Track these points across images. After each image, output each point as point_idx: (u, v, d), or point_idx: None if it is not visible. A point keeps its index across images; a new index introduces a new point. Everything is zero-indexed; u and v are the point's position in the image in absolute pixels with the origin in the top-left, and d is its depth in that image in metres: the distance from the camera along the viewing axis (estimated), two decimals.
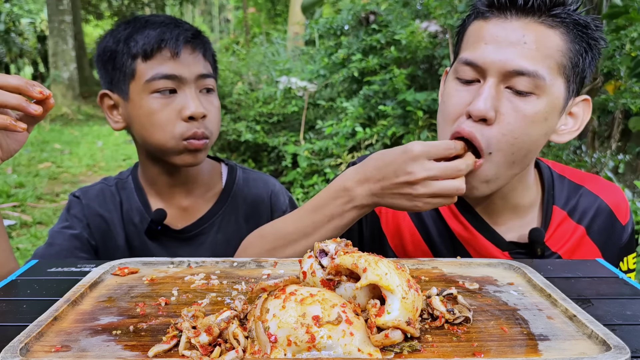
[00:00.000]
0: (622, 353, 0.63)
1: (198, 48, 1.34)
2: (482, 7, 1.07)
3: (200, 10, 18.20)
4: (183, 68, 1.30)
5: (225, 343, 0.66)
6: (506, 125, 1.02)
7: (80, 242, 1.37)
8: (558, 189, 1.22)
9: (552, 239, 1.18)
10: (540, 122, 1.03)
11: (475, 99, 1.03)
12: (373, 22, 5.32)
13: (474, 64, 1.04)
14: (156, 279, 0.91)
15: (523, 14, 1.03)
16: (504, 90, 1.03)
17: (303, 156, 5.31)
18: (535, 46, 1.01)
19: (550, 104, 1.03)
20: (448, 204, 1.02)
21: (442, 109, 1.11)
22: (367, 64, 5.06)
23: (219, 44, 10.29)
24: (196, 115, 1.29)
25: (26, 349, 0.65)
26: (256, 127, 6.12)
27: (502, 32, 1.03)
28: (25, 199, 5.70)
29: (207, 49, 1.38)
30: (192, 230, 1.42)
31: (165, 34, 1.30)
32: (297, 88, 5.78)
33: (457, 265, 0.99)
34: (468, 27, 1.10)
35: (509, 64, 1.01)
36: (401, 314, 0.66)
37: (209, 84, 1.36)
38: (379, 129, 4.85)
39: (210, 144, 1.36)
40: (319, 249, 0.77)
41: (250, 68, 6.83)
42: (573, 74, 1.05)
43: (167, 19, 1.37)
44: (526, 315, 0.77)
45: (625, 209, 1.22)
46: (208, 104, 1.34)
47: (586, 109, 1.13)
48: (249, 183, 1.50)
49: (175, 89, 1.31)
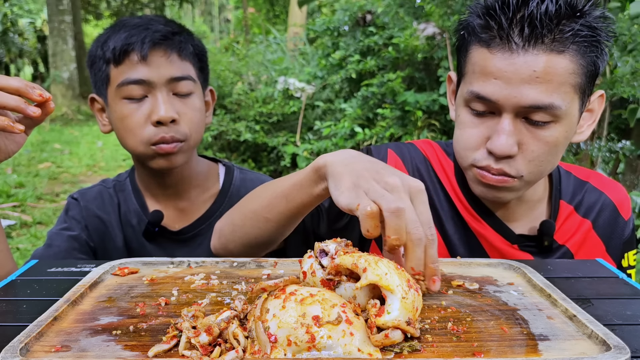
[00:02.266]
0: (622, 353, 0.63)
1: (170, 49, 1.30)
2: (482, 33, 1.02)
3: (200, 11, 18.20)
4: (152, 72, 1.27)
5: (225, 343, 0.66)
6: (530, 153, 1.03)
7: (78, 244, 1.38)
8: (565, 185, 1.24)
9: (559, 232, 1.20)
10: (562, 142, 1.04)
11: (494, 137, 1.02)
12: (370, 22, 5.31)
13: (486, 99, 1.02)
14: (156, 279, 0.91)
15: (529, 43, 0.98)
16: (521, 121, 1.02)
17: (302, 156, 5.31)
18: (547, 78, 0.98)
19: (568, 124, 1.03)
20: (367, 227, 0.79)
21: (458, 136, 1.10)
22: (365, 65, 5.06)
23: (219, 43, 10.29)
24: (163, 120, 1.27)
25: (26, 349, 0.65)
26: (256, 127, 6.12)
27: (511, 68, 0.99)
28: (25, 199, 5.69)
29: (184, 48, 1.33)
30: (189, 232, 1.41)
31: (132, 38, 1.27)
32: (295, 89, 5.79)
33: (457, 265, 0.99)
34: (470, 49, 1.06)
35: (524, 100, 0.99)
36: (401, 314, 0.66)
37: (184, 87, 1.31)
38: (377, 130, 4.86)
39: (189, 147, 1.34)
40: (319, 249, 0.77)
41: (250, 68, 6.84)
42: (588, 83, 1.03)
43: (141, 20, 1.33)
44: (526, 315, 0.77)
45: (627, 204, 1.25)
46: (182, 106, 1.31)
47: (600, 102, 1.13)
48: (246, 183, 1.49)
49: (145, 94, 1.28)
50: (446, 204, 1.22)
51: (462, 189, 1.21)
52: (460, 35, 1.11)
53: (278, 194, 1.04)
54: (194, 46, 1.36)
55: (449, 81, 1.22)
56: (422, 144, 1.30)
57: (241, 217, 1.12)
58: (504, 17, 0.98)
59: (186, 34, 1.37)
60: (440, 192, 1.23)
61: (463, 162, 1.12)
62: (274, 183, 1.10)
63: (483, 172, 1.07)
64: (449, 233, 1.21)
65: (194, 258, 0.99)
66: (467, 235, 1.21)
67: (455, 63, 1.20)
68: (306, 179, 0.97)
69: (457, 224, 1.21)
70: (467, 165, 1.11)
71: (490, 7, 1.01)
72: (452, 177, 1.23)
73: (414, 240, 0.78)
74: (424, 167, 1.25)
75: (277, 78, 6.21)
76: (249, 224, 1.10)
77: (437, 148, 1.28)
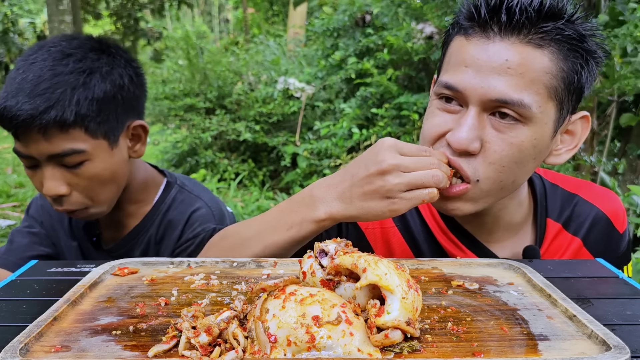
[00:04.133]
0: (622, 353, 0.63)
1: (44, 128, 1.14)
2: (464, 22, 0.98)
3: (199, 10, 18.20)
4: (30, 149, 1.18)
5: (225, 343, 0.66)
6: (492, 154, 0.95)
7: (38, 238, 1.43)
8: (551, 200, 1.16)
9: (547, 253, 1.14)
10: (528, 150, 0.96)
11: (456, 128, 0.96)
12: (369, 22, 5.32)
13: (454, 88, 0.96)
14: (156, 279, 0.91)
15: (507, 32, 0.93)
16: (487, 118, 0.96)
17: (302, 156, 5.32)
18: (520, 70, 0.92)
19: (538, 131, 0.95)
20: (428, 199, 0.91)
21: (423, 127, 1.05)
22: (364, 66, 5.07)
23: (219, 43, 10.28)
24: (47, 196, 1.22)
25: (26, 349, 0.65)
26: (256, 127, 6.12)
27: (483, 55, 0.93)
28: (25, 199, 5.69)
29: (64, 119, 1.15)
30: (118, 250, 1.40)
31: (3, 112, 1.15)
32: (295, 89, 5.79)
33: (457, 265, 0.98)
34: (451, 41, 1.02)
35: (490, 92, 0.92)
36: (401, 314, 0.66)
37: (69, 160, 1.19)
38: (376, 129, 4.86)
39: (96, 209, 1.28)
40: (319, 249, 0.77)
41: (249, 68, 6.84)
42: (567, 94, 0.96)
43: (22, 81, 1.16)
44: (526, 315, 0.77)
45: (622, 216, 1.17)
46: (73, 177, 1.21)
47: (585, 125, 1.04)
48: (175, 204, 1.43)
49: (34, 165, 1.22)
50: (423, 230, 1.16)
51: (441, 214, 1.14)
52: (446, 33, 1.07)
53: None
54: (91, 100, 1.19)
55: (434, 83, 1.15)
56: None
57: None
58: (485, 6, 0.94)
59: (80, 88, 1.18)
60: (416, 217, 1.17)
61: None
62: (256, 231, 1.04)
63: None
64: (426, 257, 1.15)
65: (193, 258, 0.99)
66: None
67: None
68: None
69: (435, 252, 1.15)
70: None
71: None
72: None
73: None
74: None
75: (277, 78, 6.21)
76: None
77: None
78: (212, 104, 6.45)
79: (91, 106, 1.19)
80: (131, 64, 1.31)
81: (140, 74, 1.34)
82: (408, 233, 1.16)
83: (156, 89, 6.74)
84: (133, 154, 1.33)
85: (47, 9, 6.60)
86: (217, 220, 1.41)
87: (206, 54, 6.87)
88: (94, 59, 1.23)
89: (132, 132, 1.32)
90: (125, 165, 1.31)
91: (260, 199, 5.63)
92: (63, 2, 6.41)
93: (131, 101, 1.30)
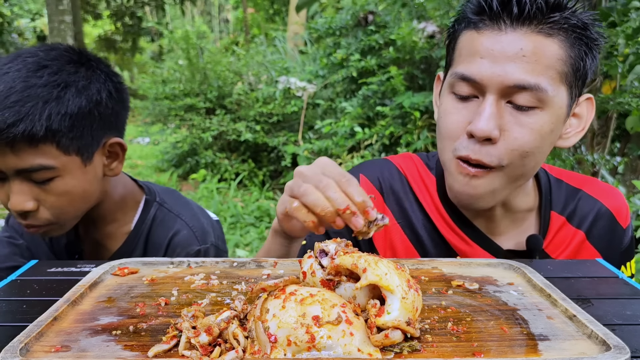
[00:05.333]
0: (622, 353, 0.63)
1: (12, 142, 1.10)
2: (472, 17, 1.02)
3: (199, 10, 18.19)
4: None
5: (225, 343, 0.66)
6: (513, 140, 0.98)
7: (18, 249, 1.39)
8: (555, 194, 1.19)
9: (551, 245, 1.16)
10: (547, 134, 1.00)
11: (476, 118, 0.99)
12: (371, 22, 5.33)
13: (471, 79, 0.99)
14: (156, 279, 0.91)
15: (518, 23, 0.97)
16: (505, 105, 0.99)
17: (303, 156, 5.31)
18: (534, 58, 0.96)
19: (554, 115, 1.00)
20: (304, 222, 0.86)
21: (440, 125, 1.07)
22: (366, 64, 5.07)
23: (219, 43, 10.28)
24: (13, 211, 1.18)
25: (26, 349, 0.65)
26: (256, 127, 6.12)
27: (497, 45, 0.97)
28: None
29: (34, 134, 1.10)
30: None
31: None
32: (296, 88, 5.79)
33: (457, 265, 0.99)
34: (459, 36, 1.05)
35: (508, 79, 0.96)
36: (401, 314, 0.66)
37: (38, 176, 1.15)
38: (377, 129, 4.86)
39: (58, 227, 1.23)
40: (319, 249, 0.77)
41: (250, 68, 6.84)
42: (575, 79, 1.01)
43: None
44: (526, 315, 0.77)
45: (625, 212, 1.19)
46: (40, 193, 1.17)
47: (589, 107, 1.09)
48: (155, 224, 1.38)
49: (1, 177, 1.16)
50: (426, 225, 1.18)
51: (444, 204, 1.17)
52: (450, 29, 1.10)
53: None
54: (64, 115, 1.14)
55: (437, 82, 1.18)
56: (400, 160, 1.26)
57: None
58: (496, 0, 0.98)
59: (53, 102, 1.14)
60: (418, 212, 1.19)
61: (444, 154, 1.06)
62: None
63: (462, 162, 1.03)
64: (431, 255, 1.17)
65: (193, 258, 0.99)
66: (449, 254, 1.16)
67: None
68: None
69: (439, 245, 1.17)
70: (448, 158, 1.06)
71: None
72: (433, 192, 1.19)
73: (324, 186, 0.82)
74: (400, 186, 1.21)
75: (278, 78, 6.21)
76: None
77: (417, 162, 1.24)
78: (212, 104, 6.46)
79: (63, 121, 1.14)
80: (112, 78, 1.25)
81: (121, 90, 1.28)
82: (410, 229, 1.18)
83: (156, 89, 6.74)
84: (109, 172, 1.28)
85: (47, 9, 6.60)
86: (200, 241, 1.37)
87: (206, 54, 6.88)
88: (70, 72, 1.18)
89: (108, 149, 1.26)
90: (98, 183, 1.26)
91: (260, 199, 5.63)
92: (63, 2, 6.41)
93: (109, 117, 1.24)
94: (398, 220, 1.18)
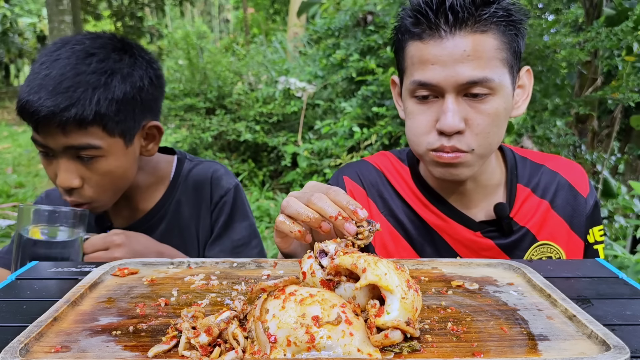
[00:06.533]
0: (622, 353, 0.63)
1: (63, 123, 1.18)
2: (414, 29, 1.13)
3: (199, 10, 18.20)
4: (47, 140, 1.22)
5: (225, 343, 0.66)
6: (477, 126, 1.12)
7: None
8: (521, 169, 1.32)
9: (519, 214, 1.28)
10: (502, 114, 1.14)
11: (442, 117, 1.11)
12: (371, 23, 5.32)
13: (428, 84, 1.11)
14: (156, 279, 0.91)
15: (455, 28, 1.09)
16: (462, 99, 1.11)
17: (303, 156, 5.31)
18: (477, 55, 1.09)
19: (505, 95, 1.13)
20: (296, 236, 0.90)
21: (409, 125, 1.18)
22: (365, 64, 5.06)
23: (219, 43, 10.29)
24: (60, 188, 1.25)
25: (26, 349, 0.65)
26: (256, 127, 6.11)
27: (444, 52, 1.09)
28: (25, 199, 5.70)
29: (84, 117, 1.18)
30: (138, 227, 1.40)
31: (25, 105, 1.19)
32: (296, 89, 5.79)
33: (457, 265, 0.99)
34: (406, 47, 1.16)
35: (461, 78, 1.09)
36: (401, 314, 0.66)
37: (84, 154, 1.23)
38: (377, 129, 4.86)
39: (99, 205, 1.31)
40: (319, 249, 0.77)
41: (250, 68, 6.84)
42: (514, 59, 1.15)
43: (47, 76, 1.20)
44: (526, 316, 0.77)
45: (584, 182, 1.32)
46: (86, 171, 1.25)
47: (529, 77, 1.24)
48: (193, 171, 1.49)
49: (50, 154, 1.25)
50: (405, 210, 1.30)
51: (420, 188, 1.30)
52: (395, 38, 1.21)
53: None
54: (111, 100, 1.22)
55: (393, 85, 1.30)
56: (375, 158, 1.40)
57: None
58: (430, 12, 1.10)
59: (101, 88, 1.22)
60: (397, 200, 1.31)
61: (418, 149, 1.18)
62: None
63: (438, 152, 1.14)
64: (413, 236, 1.28)
65: (193, 259, 0.99)
66: (431, 234, 1.28)
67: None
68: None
69: (418, 227, 1.28)
70: (422, 152, 1.17)
71: (417, 6, 1.12)
72: (409, 180, 1.32)
73: (313, 198, 0.86)
74: (379, 181, 1.35)
75: (278, 78, 6.21)
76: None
77: (391, 157, 1.38)
78: (212, 104, 6.46)
79: (110, 106, 1.22)
80: (152, 65, 1.34)
81: (160, 76, 1.37)
82: (393, 217, 1.30)
83: None
84: (145, 152, 1.37)
85: (47, 9, 6.60)
86: (233, 177, 1.50)
87: (206, 54, 6.88)
88: (116, 60, 1.26)
89: (147, 131, 1.35)
90: (136, 163, 1.35)
91: (260, 199, 5.63)
92: (63, 2, 6.41)
93: (149, 102, 1.33)
94: (381, 210, 1.31)
